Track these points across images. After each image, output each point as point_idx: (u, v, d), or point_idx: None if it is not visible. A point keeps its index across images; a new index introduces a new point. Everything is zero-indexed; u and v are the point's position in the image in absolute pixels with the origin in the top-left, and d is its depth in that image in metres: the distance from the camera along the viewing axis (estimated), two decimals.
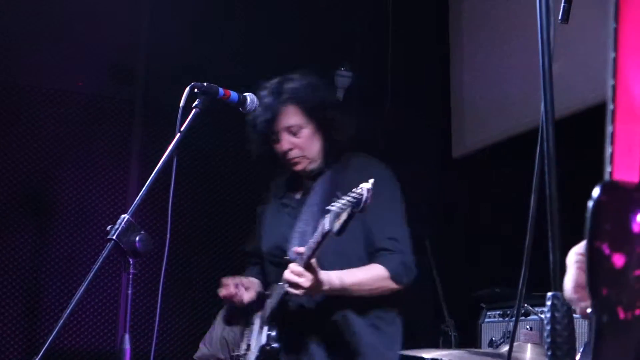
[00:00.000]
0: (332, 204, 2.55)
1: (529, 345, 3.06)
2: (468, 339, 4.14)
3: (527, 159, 1.71)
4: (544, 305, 1.36)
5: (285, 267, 2.88)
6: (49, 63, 4.51)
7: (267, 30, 4.89)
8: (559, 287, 1.34)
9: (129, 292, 2.32)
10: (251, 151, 3.19)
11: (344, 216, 2.49)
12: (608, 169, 1.20)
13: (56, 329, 2.20)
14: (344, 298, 2.93)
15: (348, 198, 2.48)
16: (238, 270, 3.41)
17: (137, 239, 2.33)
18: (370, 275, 2.92)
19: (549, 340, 1.33)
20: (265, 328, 3.00)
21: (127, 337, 2.27)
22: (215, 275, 3.54)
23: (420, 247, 4.64)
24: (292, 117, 3.03)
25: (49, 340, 2.19)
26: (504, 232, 4.45)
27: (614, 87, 1.19)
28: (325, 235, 2.61)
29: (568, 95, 3.86)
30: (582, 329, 3.36)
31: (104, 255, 2.30)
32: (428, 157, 5.28)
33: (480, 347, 3.96)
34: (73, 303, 2.24)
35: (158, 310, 2.52)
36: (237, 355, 3.17)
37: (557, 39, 1.49)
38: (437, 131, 5.30)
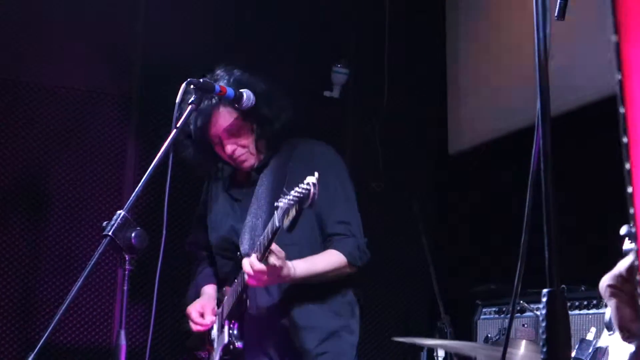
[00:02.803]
0: (280, 199, 2.53)
1: (524, 341, 3.07)
2: (464, 335, 4.15)
3: (523, 156, 1.71)
4: (539, 302, 1.36)
5: (237, 262, 2.88)
6: (45, 59, 4.50)
7: (264, 26, 4.88)
8: (555, 283, 1.34)
9: (125, 288, 2.32)
10: (187, 157, 3.12)
11: (292, 213, 2.48)
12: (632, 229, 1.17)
13: (52, 325, 2.20)
14: (302, 287, 2.93)
15: (295, 194, 2.46)
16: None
17: (133, 235, 2.33)
18: (330, 263, 2.93)
19: (544, 336, 1.33)
20: (226, 327, 2.98)
21: (123, 333, 2.27)
22: None
23: (416, 244, 4.66)
24: (227, 118, 2.98)
25: (45, 336, 2.19)
26: (499, 228, 4.45)
27: (631, 173, 1.12)
28: (275, 232, 2.60)
29: (564, 92, 3.86)
30: (577, 326, 3.38)
31: (99, 251, 2.30)
32: (424, 153, 5.28)
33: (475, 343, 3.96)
34: (69, 299, 2.23)
35: (154, 306, 2.52)
36: (204, 355, 3.16)
37: (554, 36, 1.49)
38: (433, 128, 5.30)
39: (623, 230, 1.30)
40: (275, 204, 2.56)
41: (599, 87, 3.68)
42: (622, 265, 1.35)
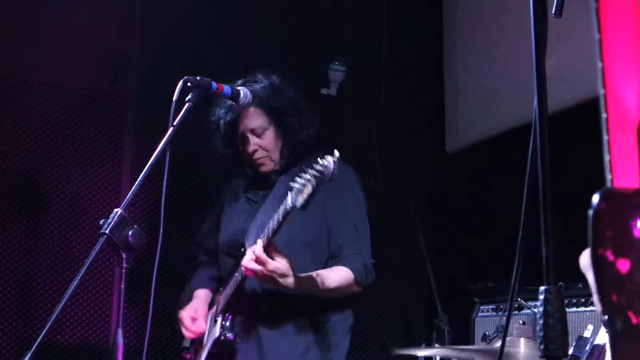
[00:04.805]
0: (295, 180, 2.53)
1: (522, 339, 3.07)
2: (461, 333, 4.15)
3: (520, 153, 1.71)
4: (536, 299, 1.36)
5: (240, 260, 2.86)
6: (44, 57, 4.49)
7: (261, 24, 4.88)
8: (552, 281, 1.34)
9: (122, 286, 2.32)
10: (215, 149, 3.21)
11: (307, 190, 2.46)
12: (608, 176, 1.21)
13: (49, 324, 2.20)
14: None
15: (312, 171, 2.46)
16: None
17: (130, 233, 2.33)
18: (337, 279, 2.91)
19: (541, 334, 1.33)
20: (219, 319, 2.97)
21: (120, 331, 2.27)
22: None
23: (414, 242, 4.66)
24: (255, 119, 3.03)
25: (42, 335, 2.18)
26: (497, 226, 4.45)
27: (605, 97, 1.20)
28: (287, 213, 2.58)
29: (562, 89, 3.87)
30: (574, 323, 3.38)
31: (96, 249, 2.30)
32: (422, 151, 5.28)
33: (473, 342, 3.97)
34: (66, 298, 2.23)
35: (151, 304, 2.52)
36: (190, 354, 3.15)
37: (551, 34, 1.49)
38: (430, 125, 5.30)
39: None
40: (290, 184, 2.55)
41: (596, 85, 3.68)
42: None
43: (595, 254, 1.18)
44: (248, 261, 2.71)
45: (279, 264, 2.70)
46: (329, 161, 2.43)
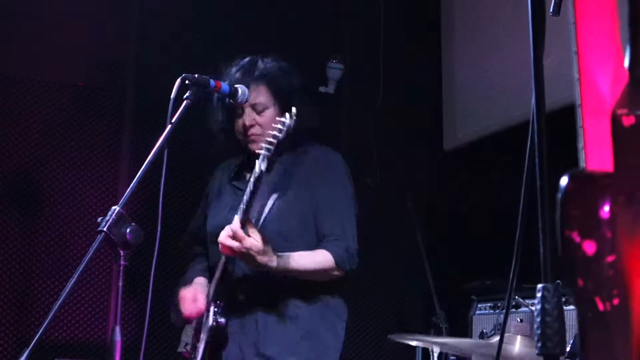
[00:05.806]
0: (260, 146, 2.60)
1: (519, 337, 3.07)
2: (459, 331, 4.16)
3: (518, 152, 1.71)
4: (534, 297, 1.36)
5: None
6: (39, 55, 4.49)
7: (258, 21, 4.88)
8: (549, 279, 1.35)
9: (120, 284, 2.32)
10: (210, 125, 3.18)
11: (269, 152, 2.55)
12: (582, 164, 1.20)
13: (47, 321, 2.20)
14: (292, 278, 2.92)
15: (272, 132, 2.53)
16: None
17: (128, 230, 2.33)
18: (316, 262, 2.91)
19: (539, 332, 1.33)
20: (212, 308, 2.96)
21: (117, 329, 2.27)
22: None
23: (411, 240, 4.66)
24: (259, 95, 3.01)
25: (40, 332, 2.18)
26: (495, 224, 4.45)
27: (579, 82, 1.20)
28: (257, 180, 2.61)
29: (559, 88, 3.86)
30: (572, 321, 3.38)
31: (94, 247, 2.30)
32: (419, 149, 5.28)
33: (471, 339, 3.97)
34: (64, 295, 2.23)
35: (149, 302, 2.52)
36: (186, 352, 3.14)
37: (549, 32, 1.49)
38: (428, 124, 5.30)
39: None
40: (257, 151, 2.61)
41: None
42: None
43: (562, 236, 1.16)
44: (225, 237, 2.71)
45: (255, 240, 2.70)
46: (286, 118, 2.50)
